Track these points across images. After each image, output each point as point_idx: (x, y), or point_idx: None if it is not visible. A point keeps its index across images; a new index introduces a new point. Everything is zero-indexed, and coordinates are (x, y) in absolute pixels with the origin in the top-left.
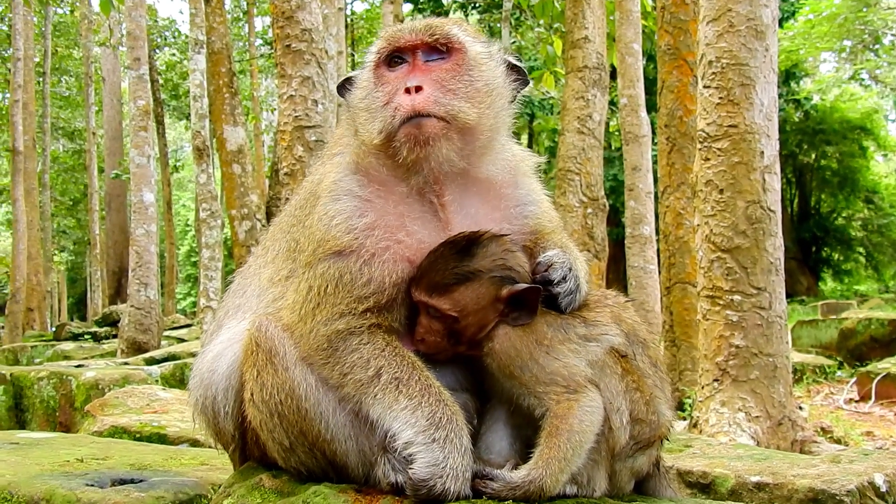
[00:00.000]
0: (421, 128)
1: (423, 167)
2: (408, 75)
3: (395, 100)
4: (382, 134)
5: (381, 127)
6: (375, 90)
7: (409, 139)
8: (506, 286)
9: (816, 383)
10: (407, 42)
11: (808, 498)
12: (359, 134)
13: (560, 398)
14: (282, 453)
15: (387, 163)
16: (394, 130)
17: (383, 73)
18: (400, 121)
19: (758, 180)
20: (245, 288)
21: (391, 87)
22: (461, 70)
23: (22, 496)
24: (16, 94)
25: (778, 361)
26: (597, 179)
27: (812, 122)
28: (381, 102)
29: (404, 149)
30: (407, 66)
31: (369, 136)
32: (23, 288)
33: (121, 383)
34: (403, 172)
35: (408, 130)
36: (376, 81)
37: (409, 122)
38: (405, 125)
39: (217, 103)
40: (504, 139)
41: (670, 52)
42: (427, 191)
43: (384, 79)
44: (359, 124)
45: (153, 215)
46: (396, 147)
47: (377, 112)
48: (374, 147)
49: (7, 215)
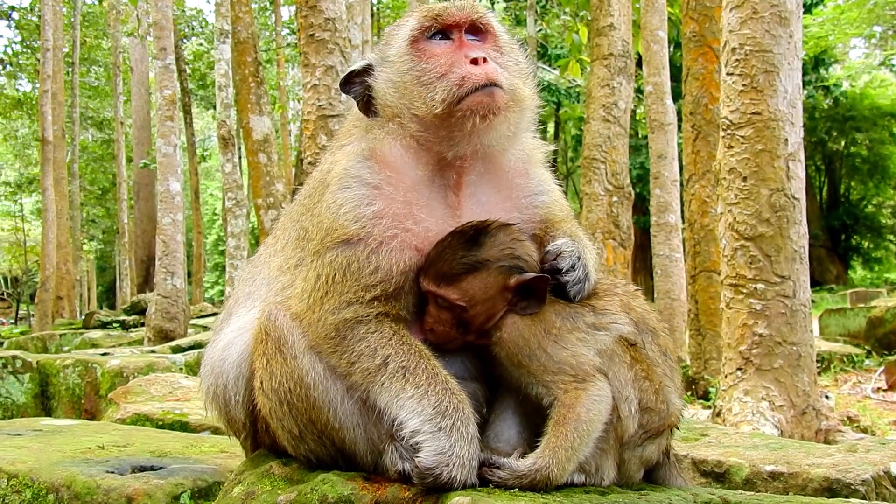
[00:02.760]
0: (493, 96)
1: (477, 138)
2: (461, 49)
3: (458, 69)
4: (445, 103)
5: (444, 96)
6: (423, 62)
7: (481, 107)
8: (514, 275)
9: (844, 372)
10: (456, 19)
11: (823, 487)
12: (405, 112)
13: (568, 387)
14: (291, 441)
15: (422, 140)
16: (459, 98)
17: (426, 46)
18: (469, 89)
19: (782, 168)
20: (255, 276)
21: (445, 59)
22: (503, 51)
23: (43, 482)
24: (45, 85)
25: (802, 350)
26: (622, 167)
27: (841, 108)
28: (437, 74)
29: (473, 117)
30: (452, 42)
31: (428, 107)
32: (52, 276)
33: (145, 371)
34: (441, 146)
35: (479, 98)
36: (420, 55)
37: (481, 90)
38: (476, 93)
39: (243, 93)
40: (527, 126)
41: (695, 40)
42: (451, 168)
43: (430, 52)
44: (409, 100)
45: (180, 204)
46: (461, 116)
47: (434, 83)
48: (428, 119)
49: (37, 204)
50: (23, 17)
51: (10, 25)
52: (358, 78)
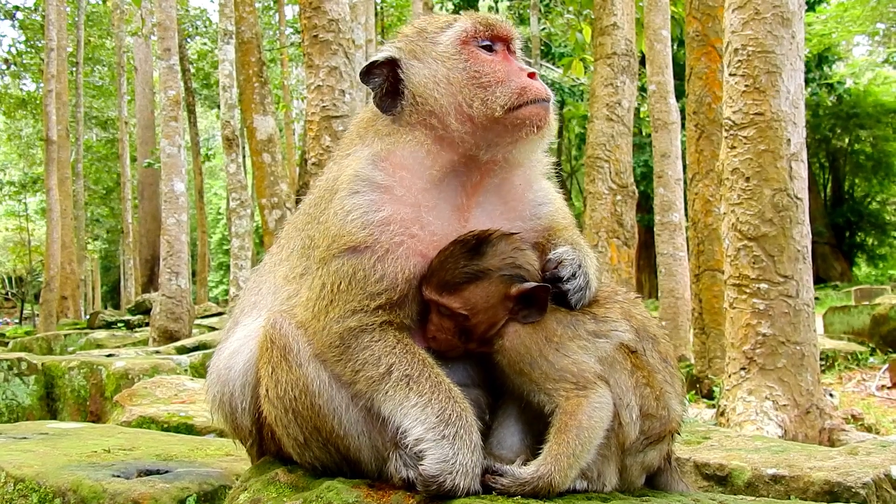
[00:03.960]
0: (547, 111)
1: (518, 146)
2: (511, 62)
3: (517, 78)
4: (506, 107)
5: (505, 101)
6: (478, 65)
7: (537, 118)
8: (515, 285)
9: (848, 370)
10: (506, 33)
11: (824, 490)
12: (462, 105)
13: (569, 394)
14: (297, 448)
15: (457, 138)
16: (518, 106)
17: (476, 51)
18: (530, 99)
19: (784, 168)
20: (260, 285)
21: (501, 68)
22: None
23: (49, 486)
24: (49, 84)
25: (805, 349)
26: (626, 166)
27: (845, 106)
28: (496, 78)
29: (528, 126)
30: (497, 53)
31: (488, 108)
32: (57, 276)
33: (150, 373)
34: (473, 150)
35: (535, 110)
36: (472, 57)
37: (539, 103)
38: (534, 104)
39: (247, 93)
40: None
41: (698, 39)
42: (467, 174)
43: (482, 58)
44: (460, 99)
45: (184, 205)
46: (515, 123)
47: (494, 87)
48: (484, 119)
49: (41, 204)
50: (27, 16)
51: (14, 25)
52: (379, 70)
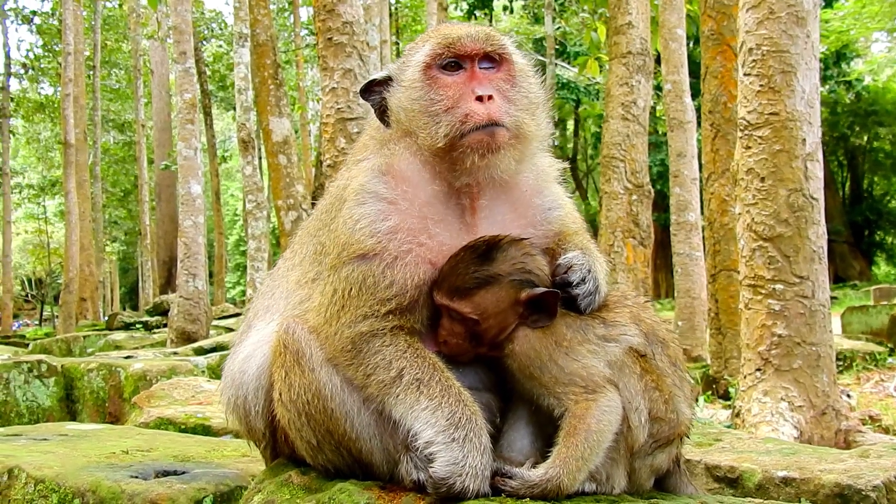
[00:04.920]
0: (494, 136)
1: (479, 171)
2: (471, 82)
3: (464, 106)
4: (448, 138)
5: (447, 131)
6: (432, 92)
7: (481, 146)
8: (525, 290)
9: (867, 370)
10: (469, 50)
11: (834, 493)
12: (415, 136)
13: (578, 398)
14: (310, 451)
15: (433, 163)
16: (461, 136)
17: (437, 75)
18: (472, 128)
19: (800, 168)
20: (273, 290)
21: (454, 92)
22: (515, 81)
23: (69, 487)
24: (67, 88)
25: (821, 350)
26: (642, 166)
27: (864, 103)
28: (444, 106)
29: (473, 155)
30: (464, 72)
31: (431, 140)
32: (76, 278)
33: (168, 374)
34: (448, 173)
35: (479, 137)
36: (431, 84)
37: (482, 129)
38: (476, 132)
39: (262, 95)
40: (540, 148)
41: (714, 38)
42: (463, 192)
43: (441, 82)
44: (416, 126)
45: (201, 207)
46: (462, 152)
47: (440, 116)
48: (433, 149)
49: (60, 207)
50: (44, 21)
51: (32, 30)
52: (378, 87)
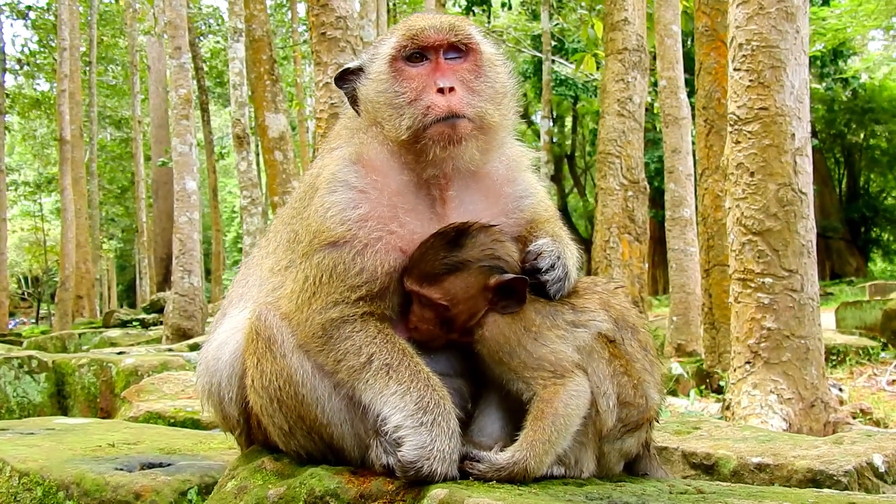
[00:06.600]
0: (455, 128)
1: (443, 163)
2: (434, 74)
3: (426, 98)
4: (411, 130)
5: (410, 123)
6: (397, 85)
7: (442, 138)
8: (494, 276)
9: (860, 365)
10: (433, 41)
11: (807, 478)
12: (381, 127)
13: (547, 383)
14: (282, 437)
15: (400, 154)
16: (424, 128)
17: (402, 67)
18: (433, 120)
19: (789, 163)
20: (248, 277)
21: (417, 84)
22: (481, 71)
23: (53, 480)
24: (62, 84)
25: (810, 343)
26: (637, 162)
27: (860, 100)
28: (407, 99)
29: (435, 147)
30: (429, 63)
31: (395, 132)
32: (72, 275)
33: (159, 369)
34: (415, 164)
35: (441, 129)
36: (396, 76)
37: (443, 121)
38: (438, 124)
39: (258, 91)
40: (509, 138)
41: (708, 34)
42: (432, 183)
43: (405, 74)
44: (381, 118)
45: (196, 203)
46: (425, 144)
47: (404, 108)
48: (398, 141)
49: (56, 204)
50: (39, 16)
51: (27, 25)
52: (351, 76)
